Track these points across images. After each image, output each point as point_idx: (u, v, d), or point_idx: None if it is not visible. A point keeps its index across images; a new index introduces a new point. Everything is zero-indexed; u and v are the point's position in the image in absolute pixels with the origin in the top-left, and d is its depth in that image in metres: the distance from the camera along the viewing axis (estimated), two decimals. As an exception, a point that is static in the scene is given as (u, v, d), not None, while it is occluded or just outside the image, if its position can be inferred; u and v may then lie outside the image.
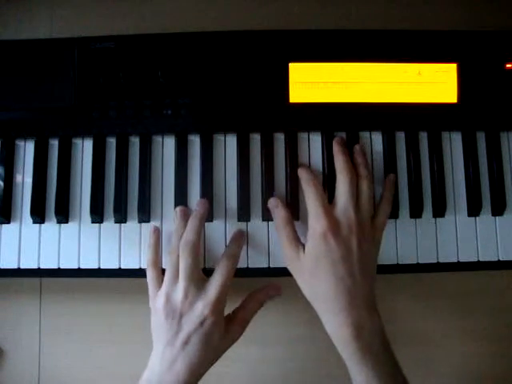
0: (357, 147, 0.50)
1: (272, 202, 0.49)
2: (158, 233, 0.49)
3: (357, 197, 0.47)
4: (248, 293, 0.49)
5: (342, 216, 0.45)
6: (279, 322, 0.55)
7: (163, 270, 0.48)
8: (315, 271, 0.44)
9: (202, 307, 0.44)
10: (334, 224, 0.44)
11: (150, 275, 0.47)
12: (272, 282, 0.50)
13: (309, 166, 0.51)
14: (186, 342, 0.43)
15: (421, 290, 0.56)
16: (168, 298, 0.45)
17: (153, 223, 0.50)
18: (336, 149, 0.49)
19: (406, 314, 0.56)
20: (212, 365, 0.46)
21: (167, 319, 0.44)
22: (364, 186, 0.47)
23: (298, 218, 0.50)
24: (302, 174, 0.49)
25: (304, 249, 0.46)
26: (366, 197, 0.47)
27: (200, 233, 0.47)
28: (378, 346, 0.42)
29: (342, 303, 0.43)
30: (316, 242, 0.44)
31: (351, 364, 0.43)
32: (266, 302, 0.49)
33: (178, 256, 0.46)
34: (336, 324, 0.43)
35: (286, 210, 0.48)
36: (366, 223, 0.46)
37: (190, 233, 0.46)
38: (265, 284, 0.50)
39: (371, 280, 0.45)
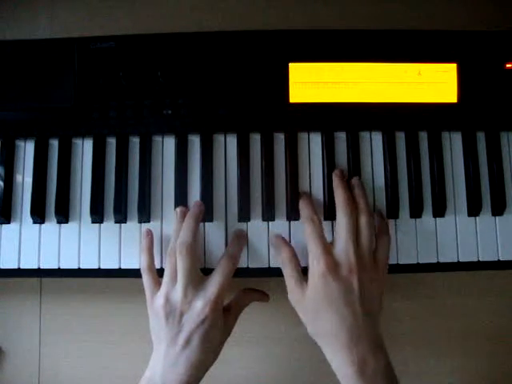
0: (354, 181, 0.49)
1: (275, 241, 0.49)
2: (150, 236, 0.49)
3: (357, 231, 0.46)
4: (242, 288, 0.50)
5: (341, 256, 0.44)
6: (279, 322, 0.55)
7: (159, 272, 0.48)
8: (318, 311, 0.44)
9: (201, 306, 0.44)
10: (333, 265, 0.44)
11: (146, 279, 0.47)
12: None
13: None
14: (187, 342, 0.44)
15: (420, 289, 0.56)
16: (167, 299, 0.45)
17: (153, 223, 0.50)
18: (336, 183, 0.49)
19: (405, 314, 0.56)
20: (214, 360, 0.46)
21: (167, 319, 0.44)
22: (363, 220, 0.46)
23: (298, 219, 0.50)
24: (303, 207, 0.48)
25: (306, 286, 0.45)
26: (365, 233, 0.46)
27: (195, 233, 0.47)
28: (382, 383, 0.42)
29: (343, 340, 0.42)
30: (316, 283, 0.44)
31: None
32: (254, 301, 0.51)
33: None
34: (339, 361, 0.43)
35: (289, 248, 0.48)
36: (367, 260, 0.45)
37: (185, 233, 0.46)
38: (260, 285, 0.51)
39: (375, 317, 0.44)
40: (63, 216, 0.50)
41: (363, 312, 0.43)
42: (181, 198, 0.50)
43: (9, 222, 0.50)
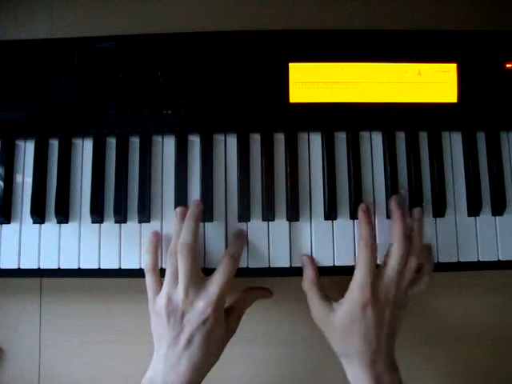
0: (416, 214, 0.49)
1: (304, 260, 0.49)
2: (157, 237, 0.49)
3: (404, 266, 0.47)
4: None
5: (384, 291, 0.46)
6: (280, 322, 0.55)
7: (162, 273, 0.48)
8: (347, 333, 0.46)
9: (203, 306, 0.44)
10: (375, 298, 0.45)
11: (150, 280, 0.47)
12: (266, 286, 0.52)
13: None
14: (189, 342, 0.44)
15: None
16: (169, 299, 0.45)
17: (153, 223, 0.50)
18: (395, 215, 0.48)
19: (406, 314, 0.56)
20: (215, 361, 0.46)
21: (169, 320, 0.44)
22: (412, 262, 0.46)
23: (298, 219, 0.50)
24: (362, 226, 0.48)
25: (334, 307, 0.46)
26: (410, 273, 0.46)
27: (196, 233, 0.47)
28: None
29: (365, 362, 0.45)
30: (354, 309, 0.45)
31: None
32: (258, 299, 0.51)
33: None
34: (358, 377, 0.45)
35: (315, 270, 0.48)
36: (403, 296, 0.47)
37: (185, 234, 0.46)
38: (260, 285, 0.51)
39: (394, 339, 0.47)
40: (63, 216, 0.50)
41: (387, 338, 0.45)
42: (181, 198, 0.50)
43: (9, 222, 0.50)
